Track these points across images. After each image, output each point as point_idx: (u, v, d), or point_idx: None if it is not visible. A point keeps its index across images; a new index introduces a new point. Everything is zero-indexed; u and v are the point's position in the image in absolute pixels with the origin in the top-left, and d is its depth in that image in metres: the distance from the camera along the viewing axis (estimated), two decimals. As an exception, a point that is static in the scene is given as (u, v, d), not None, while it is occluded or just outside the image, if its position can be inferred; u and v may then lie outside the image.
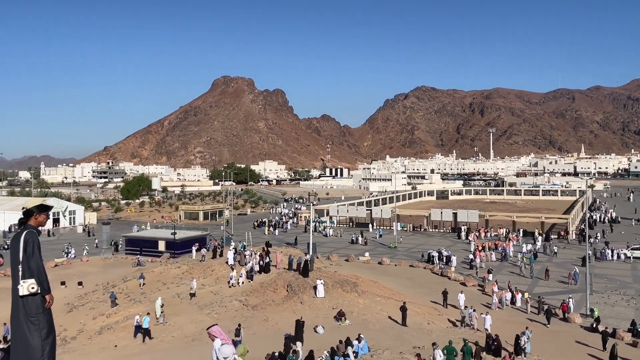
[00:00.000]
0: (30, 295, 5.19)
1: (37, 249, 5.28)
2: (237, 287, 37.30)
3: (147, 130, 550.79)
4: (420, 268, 51.67)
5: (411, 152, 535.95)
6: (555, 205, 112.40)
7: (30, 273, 5.20)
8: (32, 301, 5.21)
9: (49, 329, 5.34)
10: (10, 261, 5.27)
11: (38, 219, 5.43)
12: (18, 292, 5.15)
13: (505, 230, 73.05)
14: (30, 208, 5.44)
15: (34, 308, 5.22)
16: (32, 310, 5.20)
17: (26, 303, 5.20)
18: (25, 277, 5.18)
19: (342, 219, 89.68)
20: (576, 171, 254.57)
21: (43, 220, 5.48)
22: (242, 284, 37.74)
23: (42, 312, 5.29)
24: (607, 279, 46.14)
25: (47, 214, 5.55)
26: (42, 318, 5.27)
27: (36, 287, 5.22)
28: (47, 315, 5.35)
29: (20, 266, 5.23)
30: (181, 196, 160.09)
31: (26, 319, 5.19)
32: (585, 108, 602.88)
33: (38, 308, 5.24)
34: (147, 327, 29.73)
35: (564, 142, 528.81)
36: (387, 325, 30.63)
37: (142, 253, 60.17)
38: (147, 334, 29.61)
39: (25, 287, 5.14)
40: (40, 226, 5.45)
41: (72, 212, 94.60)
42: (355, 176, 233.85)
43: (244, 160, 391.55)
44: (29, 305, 5.20)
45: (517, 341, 26.23)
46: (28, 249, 5.21)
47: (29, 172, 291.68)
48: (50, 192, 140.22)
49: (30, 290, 5.17)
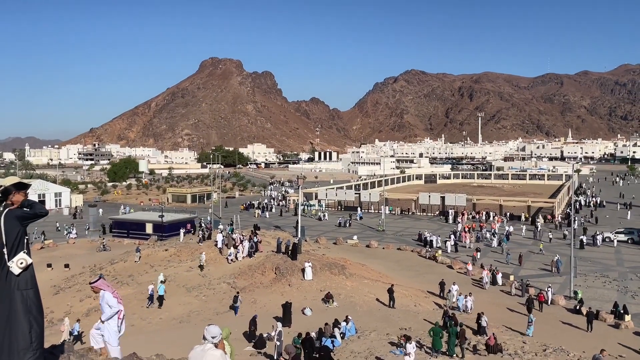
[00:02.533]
0: (23, 270, 5.17)
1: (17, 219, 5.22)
2: (225, 268, 37.37)
3: (134, 112, 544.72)
4: (407, 251, 52.05)
5: (400, 136, 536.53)
6: (541, 189, 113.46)
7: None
8: (22, 276, 5.18)
9: (38, 305, 5.31)
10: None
11: (16, 196, 5.31)
12: (13, 273, 5.11)
13: (485, 213, 73.97)
14: (8, 187, 5.31)
15: (23, 283, 5.18)
16: (21, 285, 5.17)
17: (15, 278, 5.15)
18: (12, 257, 5.11)
19: (330, 202, 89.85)
20: (563, 156, 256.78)
21: (21, 198, 5.35)
22: (243, 259, 38.58)
23: (32, 288, 5.27)
24: (590, 262, 46.87)
25: (25, 192, 5.43)
26: (32, 294, 5.25)
27: (25, 262, 5.16)
28: (35, 291, 5.32)
29: (5, 248, 5.14)
30: (169, 179, 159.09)
31: (15, 295, 5.14)
32: (573, 93, 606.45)
33: (27, 283, 5.21)
34: (162, 295, 31.93)
35: (551, 126, 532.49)
36: (375, 307, 30.91)
37: (129, 235, 59.99)
38: (161, 302, 31.77)
39: (15, 266, 5.10)
40: (17, 205, 5.33)
41: (58, 194, 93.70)
42: (344, 160, 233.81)
43: (232, 143, 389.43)
44: (19, 280, 5.16)
45: (478, 321, 26.84)
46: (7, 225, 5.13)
47: (14, 154, 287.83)
48: (36, 174, 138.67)
49: (20, 267, 5.15)
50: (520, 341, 25.68)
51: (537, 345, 24.45)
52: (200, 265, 38.17)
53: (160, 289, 32.14)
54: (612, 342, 26.82)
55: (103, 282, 8.11)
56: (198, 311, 30.08)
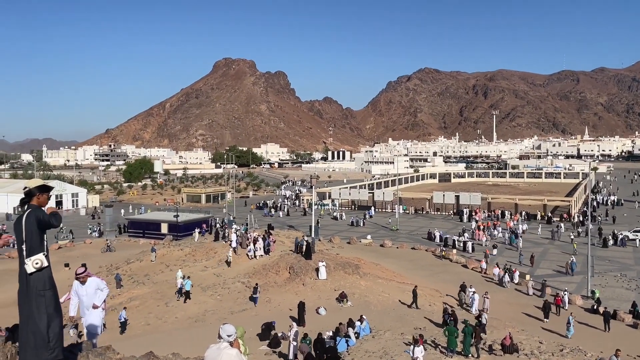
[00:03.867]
0: (37, 271, 5.24)
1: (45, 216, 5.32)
2: (239, 268, 37.54)
3: (149, 113, 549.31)
4: (422, 250, 51.83)
5: (414, 134, 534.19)
6: (558, 187, 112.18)
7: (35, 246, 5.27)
8: (39, 277, 5.27)
9: (56, 305, 5.41)
10: (16, 241, 5.30)
11: (40, 199, 5.45)
12: (26, 271, 5.20)
13: (500, 212, 73.54)
14: (32, 188, 5.44)
15: (41, 284, 5.26)
16: (39, 286, 5.25)
17: (33, 280, 5.24)
18: (30, 255, 5.21)
19: (344, 201, 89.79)
20: (579, 154, 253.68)
21: (44, 200, 5.50)
22: (260, 257, 38.91)
23: (49, 289, 5.35)
24: (608, 261, 46.26)
25: (48, 195, 5.57)
26: (50, 295, 5.33)
27: (40, 263, 5.25)
28: (54, 292, 5.41)
29: (24, 245, 5.25)
30: (183, 179, 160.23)
31: (33, 296, 5.24)
32: (589, 90, 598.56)
33: (45, 284, 5.29)
34: (189, 290, 32.52)
35: (567, 124, 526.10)
36: (389, 306, 30.84)
37: (145, 235, 60.57)
38: (188, 296, 32.34)
39: (30, 265, 5.19)
40: (41, 206, 5.46)
41: (74, 194, 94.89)
42: (358, 159, 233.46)
43: (246, 143, 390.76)
44: (36, 282, 5.25)
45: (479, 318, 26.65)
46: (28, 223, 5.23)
47: (32, 155, 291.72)
48: (53, 174, 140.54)
49: (35, 267, 5.22)
50: (537, 341, 25.43)
51: (553, 345, 24.20)
52: (227, 261, 38.57)
53: (187, 285, 32.89)
54: (630, 342, 26.46)
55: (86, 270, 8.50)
56: (213, 310, 30.26)
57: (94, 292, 8.14)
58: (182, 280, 33.53)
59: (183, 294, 32.67)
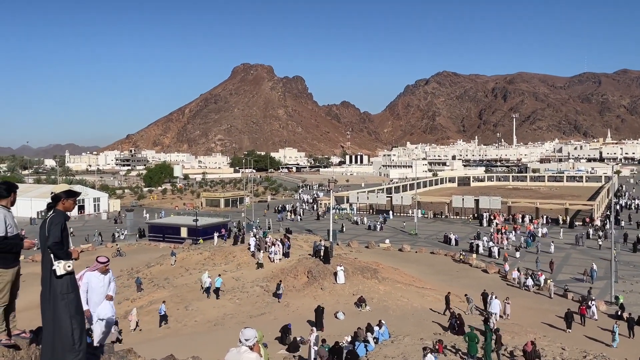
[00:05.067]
0: (67, 274, 5.32)
1: (59, 228, 5.37)
2: (258, 272, 37.68)
3: (169, 119, 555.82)
4: (441, 255, 51.41)
5: (432, 138, 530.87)
6: (579, 191, 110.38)
7: (66, 254, 5.33)
8: (62, 280, 5.34)
9: (78, 307, 5.47)
10: (40, 244, 5.38)
11: (65, 204, 5.55)
12: (55, 272, 5.27)
13: (521, 216, 72.66)
14: (58, 193, 5.54)
15: (65, 287, 5.35)
16: (63, 289, 5.33)
17: (56, 283, 5.32)
18: (61, 258, 5.29)
19: (362, 205, 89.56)
20: (602, 157, 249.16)
21: (70, 205, 5.60)
22: (280, 261, 39.15)
23: (72, 291, 5.42)
24: (633, 267, 45.30)
25: (74, 200, 5.67)
26: (72, 297, 5.41)
27: (71, 267, 5.34)
28: (76, 294, 5.49)
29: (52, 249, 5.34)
30: (202, 183, 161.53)
31: (57, 298, 5.32)
32: (611, 92, 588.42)
33: (68, 287, 5.37)
34: (219, 287, 33.46)
35: (589, 127, 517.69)
36: (408, 311, 30.62)
37: (164, 239, 61.19)
38: (217, 294, 33.33)
39: (61, 267, 5.27)
40: (67, 211, 5.56)
41: (96, 199, 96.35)
42: (376, 163, 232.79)
43: (264, 148, 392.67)
44: (60, 285, 5.33)
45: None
46: (52, 228, 5.31)
47: (54, 160, 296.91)
48: (75, 179, 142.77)
49: (67, 269, 5.30)
50: (559, 347, 24.99)
51: (576, 352, 23.75)
52: (258, 262, 38.88)
53: (217, 282, 33.72)
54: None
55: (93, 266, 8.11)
56: (232, 314, 30.39)
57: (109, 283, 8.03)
58: (210, 279, 34.33)
59: (213, 292, 33.50)
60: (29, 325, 7.26)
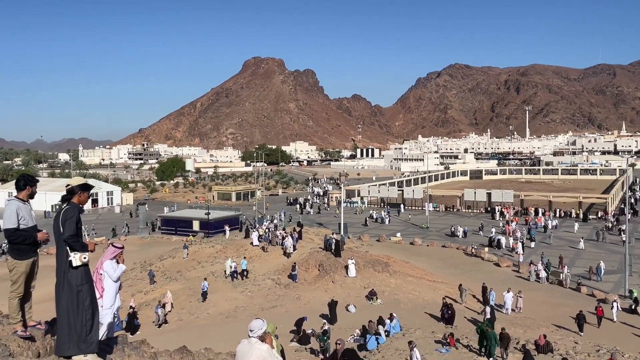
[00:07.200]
0: (82, 265, 5.42)
1: (74, 220, 5.44)
2: (269, 265, 37.87)
3: (180, 113, 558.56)
4: (452, 248, 51.21)
5: (444, 131, 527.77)
6: (593, 184, 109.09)
7: (82, 245, 5.42)
8: (77, 272, 5.42)
9: (92, 299, 5.56)
10: (54, 236, 5.46)
11: (80, 197, 5.63)
12: (71, 264, 5.35)
13: (534, 209, 72.11)
14: (74, 187, 5.62)
15: (79, 279, 5.42)
16: (77, 280, 5.41)
17: (72, 274, 5.40)
18: (77, 250, 5.37)
19: (373, 199, 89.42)
20: (616, 149, 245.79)
21: (85, 199, 5.70)
22: (291, 254, 39.45)
23: (86, 283, 5.51)
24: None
25: (89, 193, 5.75)
26: (86, 289, 5.49)
27: (87, 259, 5.42)
28: (90, 286, 5.58)
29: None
30: (214, 177, 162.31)
31: (72, 290, 5.40)
32: (627, 84, 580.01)
33: (82, 279, 5.45)
34: (245, 269, 35.45)
35: (603, 119, 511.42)
36: (419, 305, 30.61)
37: (177, 232, 61.65)
38: (243, 275, 35.23)
39: (77, 258, 5.36)
40: (81, 204, 5.64)
41: (109, 193, 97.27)
42: (387, 156, 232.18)
43: (275, 141, 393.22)
44: (75, 277, 5.41)
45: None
46: (67, 220, 5.39)
47: (68, 154, 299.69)
48: (89, 173, 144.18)
49: (83, 261, 5.40)
50: (572, 341, 24.85)
51: (589, 346, 23.59)
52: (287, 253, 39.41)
53: (242, 264, 35.40)
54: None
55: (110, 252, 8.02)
56: (244, 307, 30.59)
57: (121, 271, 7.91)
58: (235, 264, 35.81)
59: (239, 274, 35.12)
60: (44, 316, 7.36)
